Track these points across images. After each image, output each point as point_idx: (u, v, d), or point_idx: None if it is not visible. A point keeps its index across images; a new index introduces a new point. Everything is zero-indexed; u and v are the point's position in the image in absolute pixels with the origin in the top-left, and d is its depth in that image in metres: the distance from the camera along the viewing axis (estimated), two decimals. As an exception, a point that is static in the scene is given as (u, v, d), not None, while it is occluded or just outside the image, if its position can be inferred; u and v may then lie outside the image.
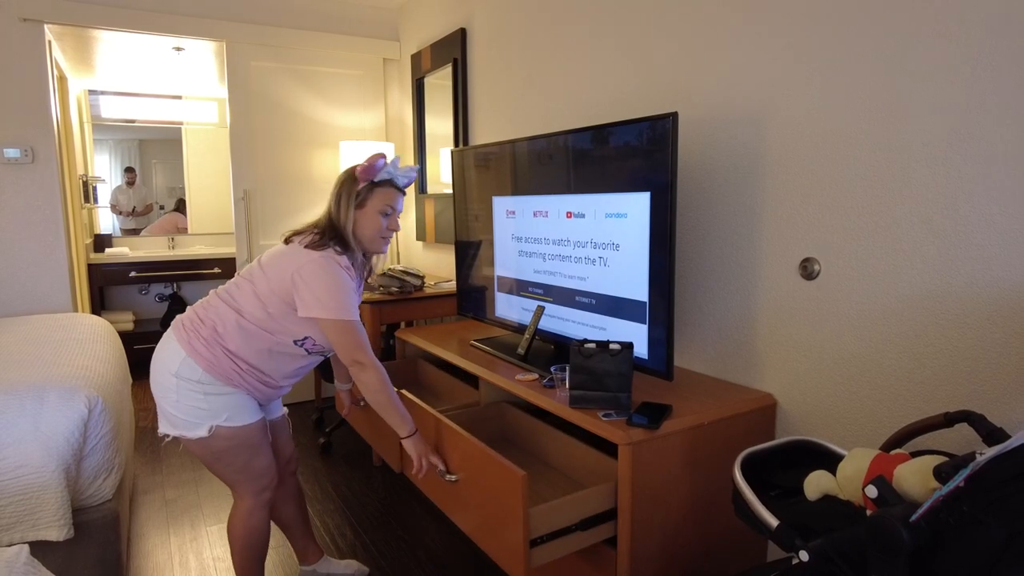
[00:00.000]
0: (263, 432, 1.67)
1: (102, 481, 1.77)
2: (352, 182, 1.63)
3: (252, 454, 1.64)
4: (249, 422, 1.61)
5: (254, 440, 1.63)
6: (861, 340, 1.55)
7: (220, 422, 1.56)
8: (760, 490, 1.28)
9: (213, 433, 1.56)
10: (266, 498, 1.71)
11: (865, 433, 1.56)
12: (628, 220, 1.80)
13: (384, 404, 1.62)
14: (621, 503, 1.52)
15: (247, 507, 1.69)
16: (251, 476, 1.66)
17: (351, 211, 1.63)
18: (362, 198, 1.64)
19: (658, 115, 1.65)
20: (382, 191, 1.65)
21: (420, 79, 3.61)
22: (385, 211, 1.66)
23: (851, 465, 1.02)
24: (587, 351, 1.66)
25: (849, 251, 1.56)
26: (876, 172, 1.48)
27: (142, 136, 5.20)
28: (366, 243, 1.67)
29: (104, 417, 1.78)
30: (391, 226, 1.69)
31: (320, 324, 1.56)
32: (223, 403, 1.57)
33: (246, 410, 1.61)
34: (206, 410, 1.56)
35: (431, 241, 3.63)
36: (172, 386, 1.56)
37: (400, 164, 1.69)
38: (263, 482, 1.69)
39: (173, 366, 1.57)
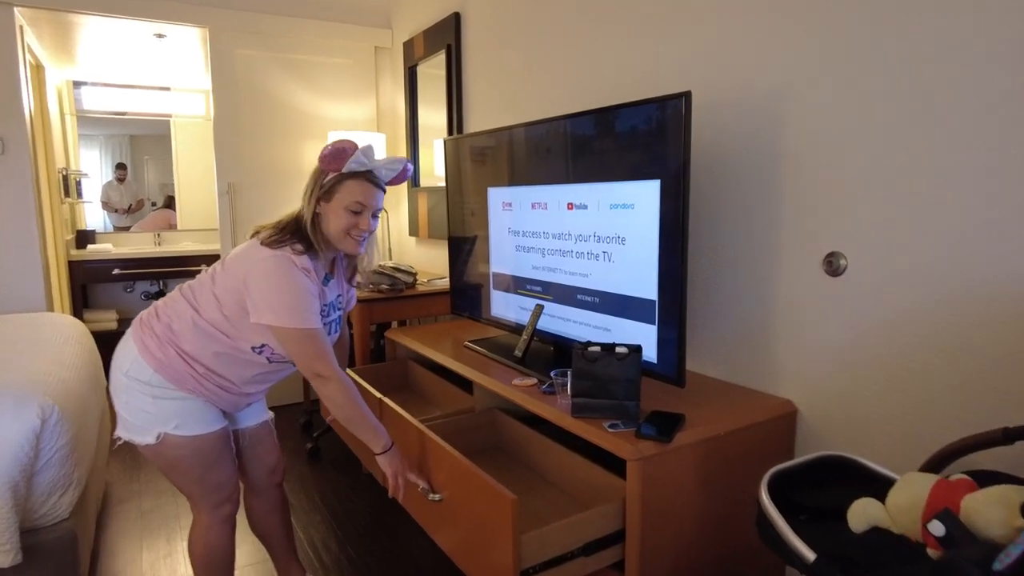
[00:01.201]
0: (222, 443, 1.52)
1: (57, 498, 1.61)
2: (321, 171, 1.47)
3: (207, 467, 1.49)
4: (202, 432, 1.46)
5: (209, 452, 1.48)
6: (893, 342, 1.40)
7: (168, 430, 1.41)
8: (786, 512, 1.13)
9: (161, 441, 1.41)
10: (225, 512, 1.56)
11: (897, 446, 1.41)
12: (635, 211, 1.64)
13: (353, 419, 1.46)
14: (629, 525, 1.37)
15: (204, 522, 1.54)
16: (207, 489, 1.51)
17: (312, 203, 1.46)
18: (328, 189, 1.46)
19: (669, 95, 1.50)
20: (353, 183, 1.45)
21: (413, 67, 3.45)
22: (353, 207, 1.45)
23: (905, 493, 0.87)
24: (591, 354, 1.50)
25: (880, 244, 1.41)
26: (911, 158, 1.33)
27: (133, 131, 5.04)
28: (334, 241, 1.49)
29: (61, 428, 1.62)
30: (361, 225, 1.47)
31: (273, 332, 1.41)
32: (173, 409, 1.42)
33: (200, 419, 1.46)
34: (153, 415, 1.41)
35: (424, 237, 3.47)
36: (122, 386, 1.42)
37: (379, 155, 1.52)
38: (221, 495, 1.54)
39: (125, 365, 1.42)
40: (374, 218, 1.53)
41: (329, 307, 1.57)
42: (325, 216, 1.47)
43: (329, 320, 1.58)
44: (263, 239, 1.44)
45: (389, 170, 1.52)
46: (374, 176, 1.49)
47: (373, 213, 1.51)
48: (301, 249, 1.45)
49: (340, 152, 1.42)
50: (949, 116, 1.26)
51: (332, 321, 1.60)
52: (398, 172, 1.54)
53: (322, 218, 1.48)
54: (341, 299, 1.64)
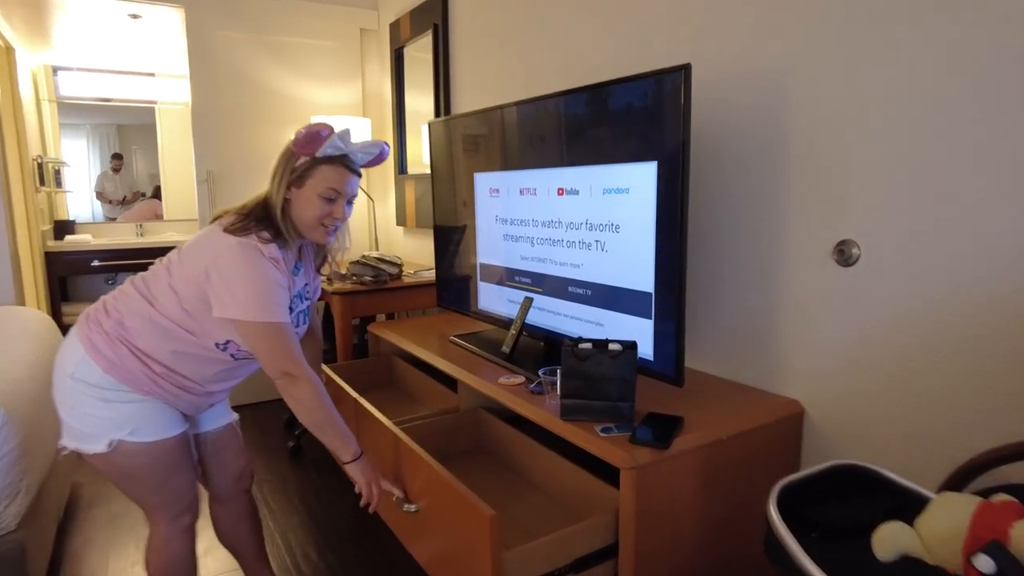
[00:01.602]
0: (182, 449, 1.39)
1: (3, 509, 1.49)
2: (292, 154, 1.34)
3: (166, 475, 1.36)
4: (161, 437, 1.33)
5: (168, 459, 1.35)
6: (910, 337, 1.28)
7: (123, 436, 1.28)
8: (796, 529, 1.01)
9: (115, 449, 1.28)
10: (185, 523, 1.43)
11: (916, 453, 1.29)
12: (630, 196, 1.51)
13: (322, 424, 1.34)
14: (623, 539, 1.25)
15: (162, 535, 1.41)
16: (165, 499, 1.38)
17: (282, 189, 1.33)
18: (300, 175, 1.33)
19: (667, 68, 1.36)
20: (328, 169, 1.33)
21: (399, 49, 3.30)
22: (327, 195, 1.33)
23: (943, 520, 0.75)
24: (582, 352, 1.38)
25: (896, 231, 1.28)
26: (935, 137, 1.20)
27: (120, 120, 4.89)
28: (303, 230, 1.36)
29: (6, 432, 1.50)
30: (335, 214, 1.36)
31: (237, 327, 1.28)
32: (128, 413, 1.29)
33: (158, 422, 1.33)
34: (105, 420, 1.28)
35: (412, 226, 3.34)
36: (68, 390, 1.29)
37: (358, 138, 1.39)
38: (180, 505, 1.41)
39: (70, 366, 1.29)
40: (348, 205, 1.41)
41: (298, 297, 1.44)
42: (296, 202, 1.35)
43: (298, 311, 1.46)
44: (226, 226, 1.31)
45: (365, 154, 1.39)
46: (349, 161, 1.37)
47: (347, 200, 1.39)
48: (268, 237, 1.32)
49: (315, 136, 1.29)
50: (980, 92, 1.14)
51: (300, 312, 1.47)
52: (373, 156, 1.41)
53: (292, 204, 1.35)
54: (308, 288, 1.52)
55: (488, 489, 1.66)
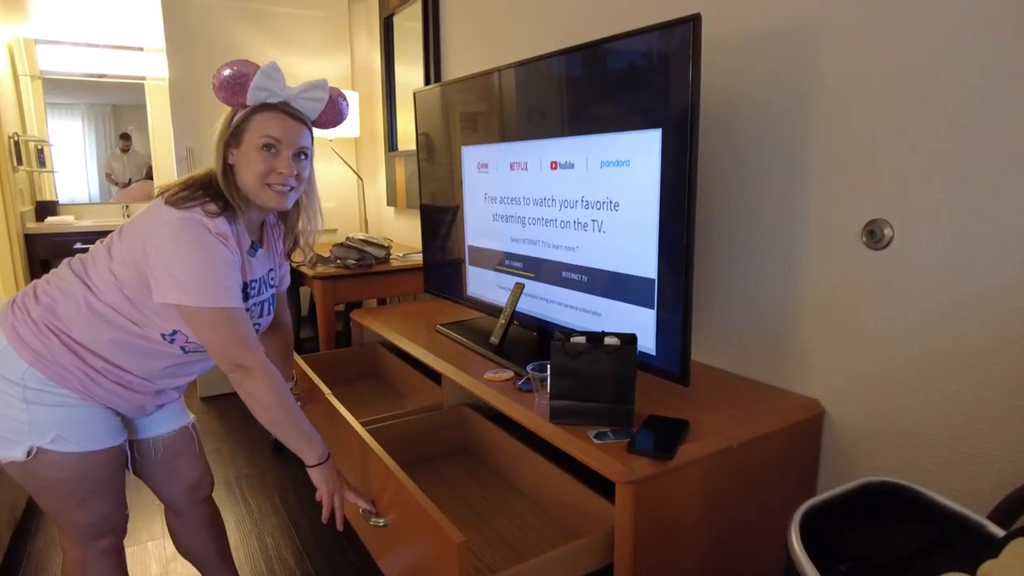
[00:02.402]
0: (113, 465, 1.21)
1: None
2: (231, 113, 1.17)
3: (88, 493, 1.18)
4: (90, 448, 1.16)
5: (94, 475, 1.18)
6: (950, 333, 1.11)
7: (44, 443, 1.11)
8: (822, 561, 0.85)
9: (33, 457, 1.12)
10: (103, 546, 1.26)
11: (960, 464, 1.12)
12: (631, 170, 1.34)
13: (279, 423, 1.17)
14: (618, 562, 1.09)
15: (75, 558, 1.24)
16: (82, 520, 1.21)
17: (221, 149, 1.16)
18: (235, 130, 1.16)
19: (673, 20, 1.18)
20: (262, 116, 1.15)
21: (389, 17, 3.10)
22: (265, 142, 1.14)
23: None
24: (573, 347, 1.21)
25: (936, 209, 1.11)
26: (978, 97, 1.02)
27: (115, 100, 4.72)
28: (251, 195, 1.18)
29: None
30: (279, 167, 1.16)
31: (181, 314, 1.11)
32: (52, 417, 1.12)
33: (88, 431, 1.16)
34: (26, 423, 1.11)
35: (403, 206, 3.16)
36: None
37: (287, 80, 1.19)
38: (99, 529, 1.24)
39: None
40: (302, 159, 1.20)
41: (260, 284, 1.27)
42: (238, 165, 1.17)
43: (260, 300, 1.29)
44: (168, 197, 1.14)
45: (309, 99, 1.21)
46: (290, 107, 1.19)
47: (298, 153, 1.19)
48: (215, 210, 1.14)
49: (239, 78, 1.12)
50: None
51: (264, 301, 1.30)
52: (323, 103, 1.23)
53: (236, 169, 1.18)
54: (274, 275, 1.35)
55: (471, 496, 1.51)
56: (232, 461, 2.57)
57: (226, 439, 2.78)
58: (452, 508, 1.47)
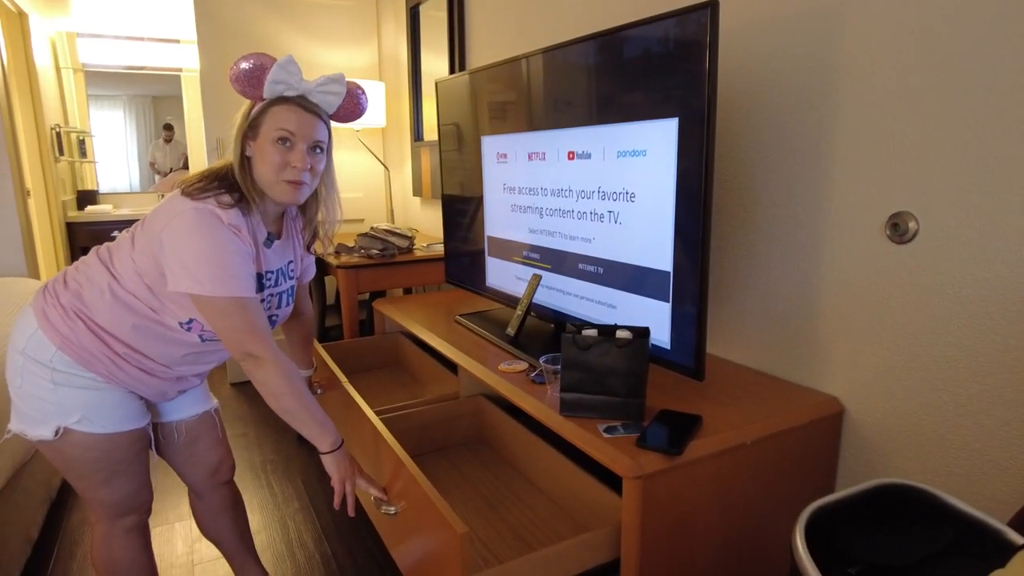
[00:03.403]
0: (136, 447, 1.25)
1: (-34, 495, 1.40)
2: (250, 106, 1.18)
3: (112, 474, 1.23)
4: (115, 431, 1.20)
5: (118, 456, 1.22)
6: (977, 329, 1.06)
7: (70, 424, 1.16)
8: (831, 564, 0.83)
9: (60, 437, 1.16)
10: (129, 523, 1.30)
11: (984, 468, 1.08)
12: (647, 160, 1.31)
13: (292, 411, 1.19)
14: (625, 557, 1.08)
15: (102, 533, 1.29)
16: (108, 498, 1.26)
17: (238, 142, 1.17)
18: (253, 123, 1.16)
19: (689, 6, 1.15)
20: (277, 109, 1.15)
21: (415, 7, 3.10)
22: (280, 135, 1.14)
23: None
24: (584, 340, 1.20)
25: (963, 202, 1.06)
26: (1009, 83, 0.97)
27: (154, 91, 4.85)
28: (266, 188, 1.19)
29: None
30: (293, 161, 1.16)
31: (194, 302, 1.13)
32: (78, 399, 1.16)
33: (113, 413, 1.20)
34: (54, 404, 1.15)
35: (428, 196, 3.17)
36: (17, 367, 1.17)
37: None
38: (124, 507, 1.28)
39: (21, 341, 1.17)
40: (317, 152, 1.20)
41: (276, 275, 1.29)
42: (255, 158, 1.18)
43: (278, 291, 1.31)
44: (184, 189, 1.16)
45: (326, 93, 1.20)
46: (307, 101, 1.19)
47: (313, 147, 1.19)
48: (229, 201, 1.15)
49: (256, 71, 1.12)
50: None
51: (281, 293, 1.32)
52: (340, 96, 1.23)
53: (253, 162, 1.19)
54: (293, 266, 1.36)
55: (484, 487, 1.51)
56: (258, 446, 2.63)
57: (253, 424, 2.85)
58: (465, 497, 1.47)
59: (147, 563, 1.36)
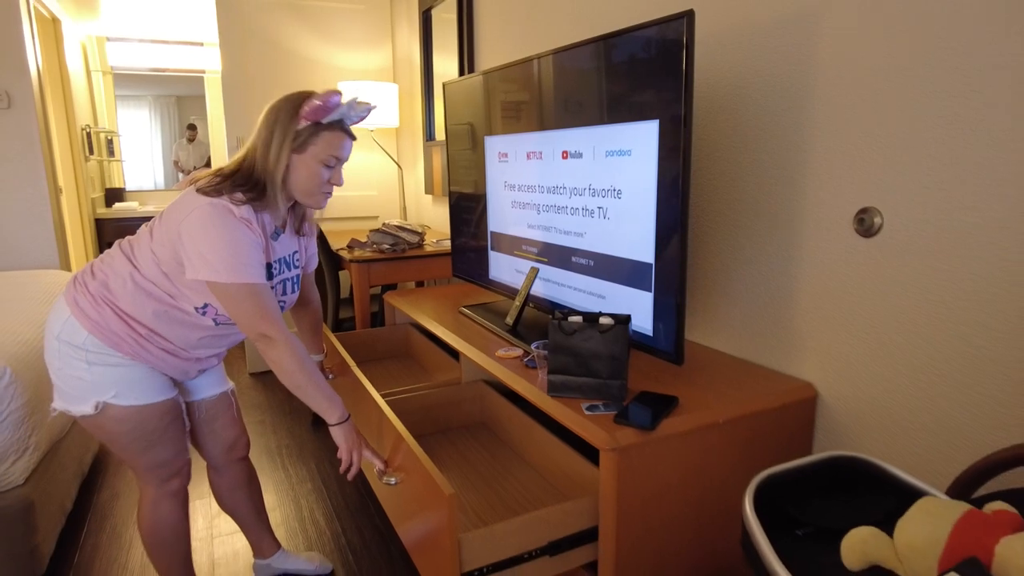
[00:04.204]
0: (170, 416, 1.38)
1: (10, 464, 1.54)
2: (292, 118, 1.28)
3: (150, 442, 1.36)
4: (146, 402, 1.33)
5: (153, 425, 1.35)
6: (937, 319, 1.14)
7: (107, 398, 1.29)
8: (784, 527, 0.92)
9: (101, 411, 1.29)
10: (173, 487, 1.44)
11: (940, 447, 1.16)
12: (632, 159, 1.41)
13: (302, 386, 1.31)
14: (603, 523, 1.18)
15: (150, 497, 1.43)
16: (151, 464, 1.39)
17: (284, 155, 1.29)
18: (303, 140, 1.29)
19: (667, 16, 1.24)
20: (330, 135, 1.30)
21: (427, 11, 3.21)
22: (329, 161, 1.32)
23: (920, 528, 0.64)
24: (569, 326, 1.30)
25: (923, 199, 1.14)
26: (965, 88, 1.05)
27: (179, 92, 5.02)
28: (300, 196, 1.34)
29: (13, 391, 1.54)
30: (334, 180, 1.35)
31: (211, 289, 1.25)
32: (111, 376, 1.29)
33: (143, 387, 1.33)
34: (90, 382, 1.28)
35: (439, 194, 3.28)
36: (55, 352, 1.30)
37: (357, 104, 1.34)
38: (167, 471, 1.42)
39: (56, 328, 1.30)
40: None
41: (281, 264, 1.41)
42: (295, 168, 1.32)
43: (285, 278, 1.43)
44: (200, 186, 1.28)
45: (359, 116, 1.36)
46: (346, 126, 1.34)
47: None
48: (242, 199, 1.28)
49: (327, 103, 1.26)
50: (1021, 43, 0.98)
51: (288, 280, 1.44)
52: (364, 117, 1.37)
53: (291, 170, 1.32)
54: (298, 256, 1.48)
55: (480, 465, 1.61)
56: (274, 431, 2.76)
57: (270, 411, 2.98)
58: (462, 474, 1.58)
59: (185, 527, 1.50)
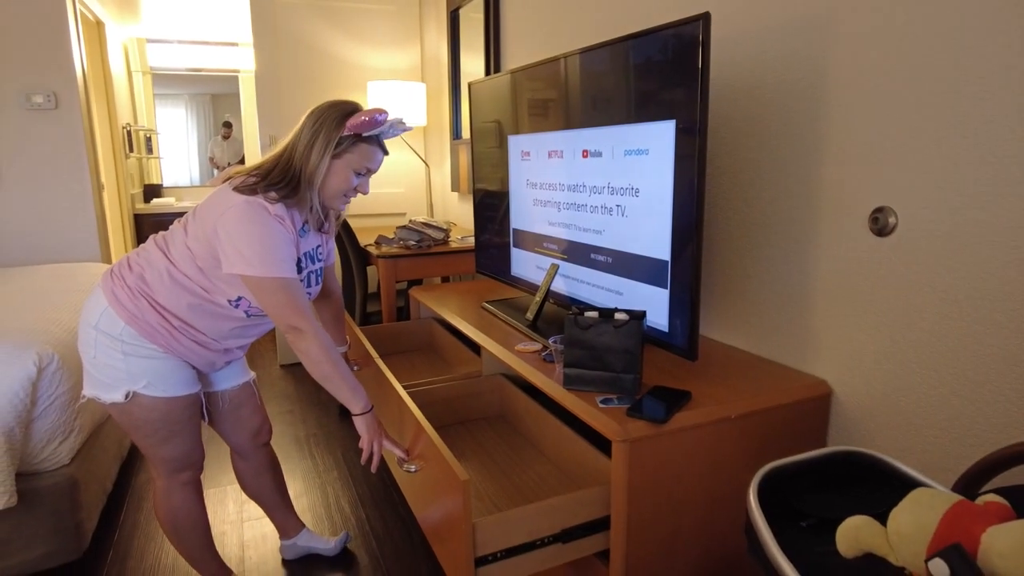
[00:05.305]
0: (191, 410, 1.45)
1: (57, 445, 1.63)
2: (337, 126, 1.35)
3: (171, 433, 1.43)
4: (173, 394, 1.40)
5: (176, 417, 1.42)
6: (951, 318, 1.15)
7: (138, 388, 1.36)
8: (789, 519, 0.95)
9: (130, 400, 1.36)
10: (184, 478, 1.51)
11: (952, 445, 1.17)
12: (649, 158, 1.43)
13: (329, 376, 1.37)
14: (615, 513, 1.21)
15: (162, 487, 1.50)
16: (167, 454, 1.46)
17: (327, 158, 1.36)
18: (342, 148, 1.36)
19: (684, 19, 1.26)
20: (366, 148, 1.38)
21: (455, 11, 3.26)
22: (361, 170, 1.40)
23: (910, 517, 0.67)
24: (584, 321, 1.33)
25: (937, 199, 1.15)
26: (977, 90, 1.05)
27: (214, 90, 5.16)
28: (327, 198, 1.41)
29: (60, 376, 1.63)
30: (361, 188, 1.44)
31: (245, 282, 1.32)
32: (144, 367, 1.36)
33: (172, 379, 1.40)
34: (123, 371, 1.35)
35: (465, 191, 3.34)
36: (91, 340, 1.37)
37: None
38: (180, 463, 1.49)
39: (94, 317, 1.37)
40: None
41: (306, 258, 1.47)
42: (329, 173, 1.39)
43: (309, 271, 1.49)
44: (237, 184, 1.35)
45: (395, 132, 1.42)
46: (381, 140, 1.42)
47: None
48: (276, 197, 1.34)
49: (374, 119, 1.34)
50: (1036, 29, 0.98)
51: (312, 272, 1.51)
52: (398, 135, 1.45)
53: (326, 174, 1.39)
54: (321, 250, 1.55)
55: (499, 456, 1.66)
56: (303, 421, 2.85)
57: (299, 402, 3.07)
58: (480, 463, 1.63)
59: (201, 513, 1.57)
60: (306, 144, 1.36)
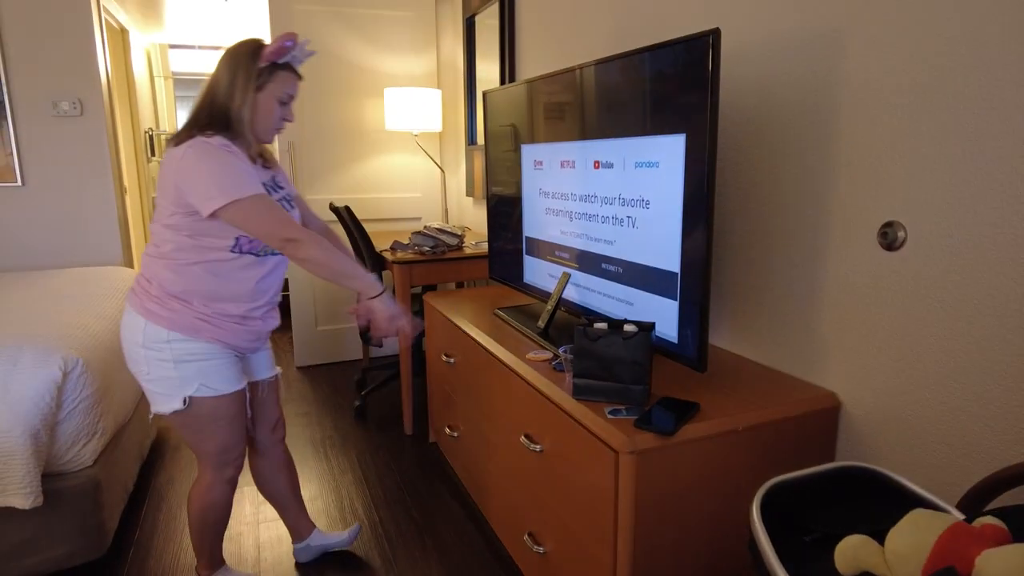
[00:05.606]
0: (240, 405, 1.53)
1: (81, 447, 1.68)
2: (253, 60, 1.40)
3: (223, 426, 1.50)
4: (225, 391, 1.47)
5: (228, 411, 1.50)
6: (958, 333, 1.15)
7: (192, 392, 1.43)
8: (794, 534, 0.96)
9: (189, 405, 1.43)
10: (228, 474, 1.58)
11: (959, 460, 1.17)
12: (660, 170, 1.45)
13: (337, 273, 1.42)
14: (620, 523, 1.23)
15: (207, 481, 1.57)
16: (218, 448, 1.52)
17: (249, 94, 1.41)
18: (263, 80, 1.42)
19: (694, 34, 1.28)
20: (283, 75, 1.45)
21: (471, 18, 3.29)
22: (283, 98, 1.46)
23: (907, 538, 0.68)
24: (593, 332, 1.35)
25: (946, 213, 1.15)
26: (985, 105, 1.05)
27: None
28: (259, 132, 1.47)
29: (84, 380, 1.68)
30: (286, 116, 1.49)
31: (227, 217, 1.34)
32: (194, 371, 1.43)
33: (221, 377, 1.46)
34: (177, 379, 1.42)
35: (480, 197, 3.37)
36: (142, 359, 1.43)
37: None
38: (228, 457, 1.55)
39: (138, 337, 1.42)
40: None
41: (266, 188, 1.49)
42: (256, 107, 1.43)
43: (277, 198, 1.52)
44: (171, 142, 1.40)
45: (305, 56, 1.48)
46: (295, 66, 1.48)
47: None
48: (213, 134, 1.38)
49: (284, 45, 1.40)
50: (1045, 48, 0.98)
51: (280, 200, 1.54)
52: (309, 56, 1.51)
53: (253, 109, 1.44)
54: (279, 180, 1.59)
55: (511, 461, 1.68)
56: (319, 424, 2.90)
57: (315, 404, 3.12)
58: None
59: (228, 511, 1.64)
60: (227, 84, 1.41)
